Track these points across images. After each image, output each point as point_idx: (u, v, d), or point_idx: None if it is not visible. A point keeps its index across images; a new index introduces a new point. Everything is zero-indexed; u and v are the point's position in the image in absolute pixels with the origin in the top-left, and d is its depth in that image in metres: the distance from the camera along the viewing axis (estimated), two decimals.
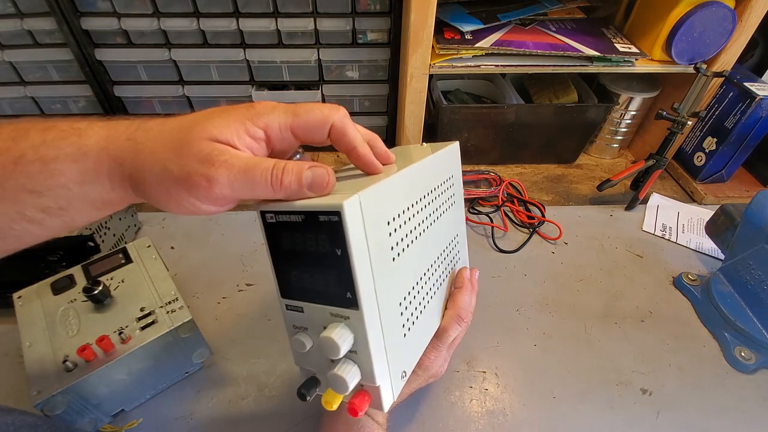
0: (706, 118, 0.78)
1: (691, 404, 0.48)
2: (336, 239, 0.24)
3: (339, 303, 0.27)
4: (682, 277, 0.62)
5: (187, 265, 0.62)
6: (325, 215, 0.24)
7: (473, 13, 0.73)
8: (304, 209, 0.25)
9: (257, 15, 0.71)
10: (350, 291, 0.26)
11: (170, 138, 0.24)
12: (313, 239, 0.25)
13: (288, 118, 0.26)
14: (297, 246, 0.26)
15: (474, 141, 0.80)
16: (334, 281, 0.26)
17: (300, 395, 0.29)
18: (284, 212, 0.26)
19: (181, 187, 0.23)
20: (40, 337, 0.41)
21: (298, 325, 0.29)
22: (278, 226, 0.26)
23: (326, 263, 0.26)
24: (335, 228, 0.24)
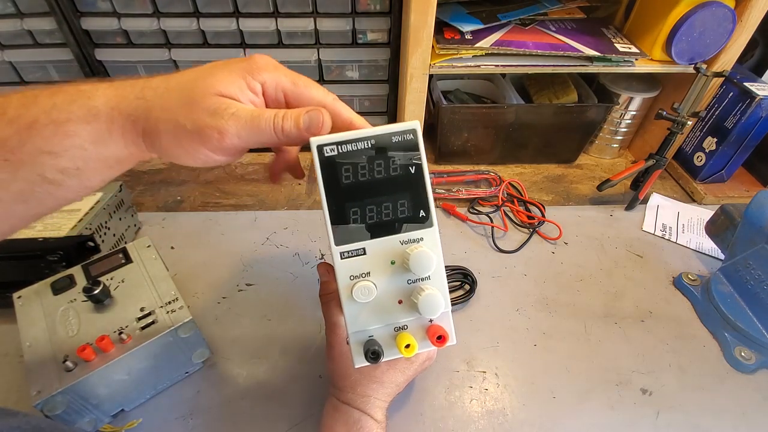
0: (706, 118, 0.78)
1: (691, 404, 0.48)
2: (410, 158, 0.26)
3: (412, 226, 0.27)
4: (682, 277, 0.62)
5: (187, 265, 0.62)
6: (399, 135, 0.26)
7: (473, 13, 0.73)
8: (376, 133, 0.26)
9: (257, 15, 0.71)
10: (424, 209, 0.27)
11: (179, 95, 0.25)
12: (383, 163, 0.26)
13: (286, 82, 0.28)
14: (362, 176, 0.26)
15: (474, 141, 0.80)
16: (406, 203, 0.27)
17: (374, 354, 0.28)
18: (350, 140, 0.26)
19: (195, 140, 0.25)
20: (40, 337, 0.41)
21: (357, 273, 0.28)
22: (339, 158, 0.26)
23: (398, 185, 0.27)
24: (410, 146, 0.26)
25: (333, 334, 0.39)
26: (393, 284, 0.28)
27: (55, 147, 0.24)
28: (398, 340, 0.28)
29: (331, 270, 0.35)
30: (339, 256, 0.27)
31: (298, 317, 0.55)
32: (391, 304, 0.28)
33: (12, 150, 0.24)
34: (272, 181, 0.38)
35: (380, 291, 0.28)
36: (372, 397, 0.38)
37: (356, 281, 0.27)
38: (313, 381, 0.48)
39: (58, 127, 0.24)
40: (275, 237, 0.67)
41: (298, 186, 0.77)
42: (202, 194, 0.75)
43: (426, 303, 0.27)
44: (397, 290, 0.29)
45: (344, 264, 0.27)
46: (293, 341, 0.52)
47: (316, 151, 0.26)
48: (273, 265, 0.62)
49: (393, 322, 0.29)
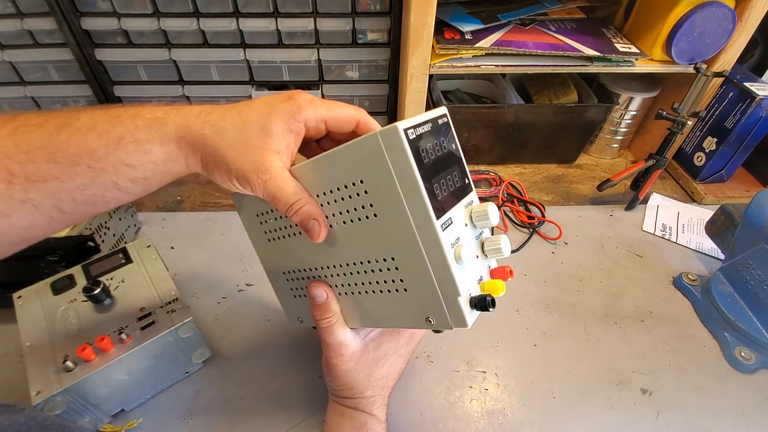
0: (706, 118, 0.78)
1: (691, 404, 0.48)
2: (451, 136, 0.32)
3: (465, 191, 0.32)
4: (682, 277, 0.62)
5: (187, 265, 0.62)
6: (442, 118, 0.31)
7: (473, 13, 0.73)
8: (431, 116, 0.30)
9: (257, 15, 0.71)
10: (466, 177, 0.33)
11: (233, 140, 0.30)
12: (438, 143, 0.30)
13: (324, 111, 0.31)
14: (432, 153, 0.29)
15: (474, 141, 0.80)
16: (459, 173, 0.32)
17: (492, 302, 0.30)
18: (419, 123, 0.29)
19: (236, 180, 0.31)
20: (40, 337, 0.41)
21: (453, 240, 0.30)
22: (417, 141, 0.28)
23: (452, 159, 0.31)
24: (448, 127, 0.31)
25: (338, 355, 0.37)
26: (471, 242, 0.32)
27: (135, 161, 0.29)
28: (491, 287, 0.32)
29: (329, 290, 0.36)
30: (440, 227, 0.29)
31: None
32: (474, 260, 0.32)
33: (98, 159, 0.28)
34: None
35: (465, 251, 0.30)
36: (377, 396, 0.39)
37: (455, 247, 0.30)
38: (313, 381, 0.48)
39: (139, 145, 0.29)
40: None
41: None
42: (202, 194, 0.75)
43: (506, 243, 0.32)
44: (474, 247, 0.32)
45: (446, 234, 0.29)
46: (293, 341, 0.52)
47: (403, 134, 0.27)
48: None
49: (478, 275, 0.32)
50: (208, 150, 0.30)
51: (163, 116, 0.30)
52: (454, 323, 0.31)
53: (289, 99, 0.31)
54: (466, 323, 0.30)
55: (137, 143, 0.29)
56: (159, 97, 0.80)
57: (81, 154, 0.28)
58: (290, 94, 0.31)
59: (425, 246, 0.29)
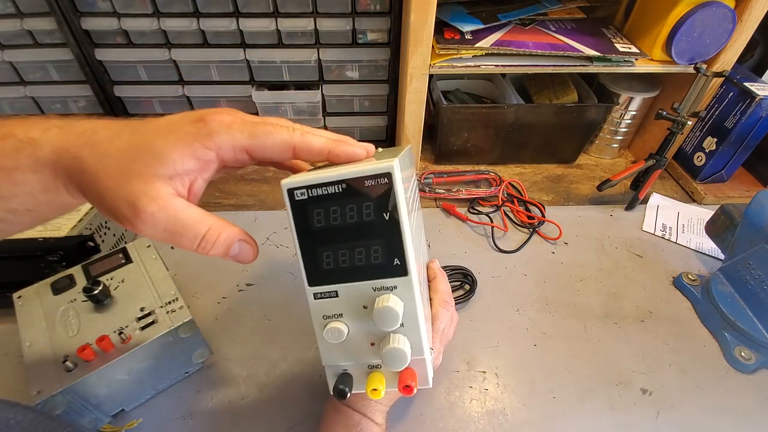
0: (706, 118, 0.78)
1: (691, 404, 0.48)
2: (384, 203, 0.25)
3: (385, 273, 0.26)
4: (682, 277, 0.62)
5: (187, 265, 0.62)
6: (373, 179, 0.24)
7: (473, 13, 0.73)
8: (348, 176, 0.24)
9: (257, 15, 0.71)
10: (398, 257, 0.26)
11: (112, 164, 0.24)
12: (355, 208, 0.25)
13: (244, 138, 0.25)
14: (334, 220, 0.25)
15: (474, 141, 0.80)
16: (380, 250, 0.26)
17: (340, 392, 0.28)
18: (320, 184, 0.25)
19: (112, 217, 0.24)
20: (40, 337, 0.41)
21: (329, 314, 0.28)
22: (310, 202, 0.25)
23: (371, 232, 0.25)
24: (384, 190, 0.24)
25: None
26: (365, 327, 0.28)
27: (4, 192, 0.24)
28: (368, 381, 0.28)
29: None
30: (312, 296, 0.27)
31: (298, 317, 0.55)
32: (364, 346, 0.28)
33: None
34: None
35: (352, 333, 0.28)
36: (373, 400, 0.38)
37: (328, 321, 0.27)
38: (313, 381, 0.48)
39: (6, 174, 0.24)
40: (275, 237, 0.67)
41: None
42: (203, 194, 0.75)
43: (388, 356, 0.27)
44: (369, 333, 0.28)
45: (317, 304, 0.28)
46: (293, 341, 0.52)
47: (286, 194, 0.25)
48: (273, 265, 0.62)
49: (365, 361, 0.29)
50: (83, 178, 0.24)
51: (39, 137, 0.24)
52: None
53: (199, 121, 0.25)
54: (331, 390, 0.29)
55: (4, 171, 0.24)
56: (159, 98, 0.80)
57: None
58: (202, 115, 0.25)
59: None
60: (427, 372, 0.29)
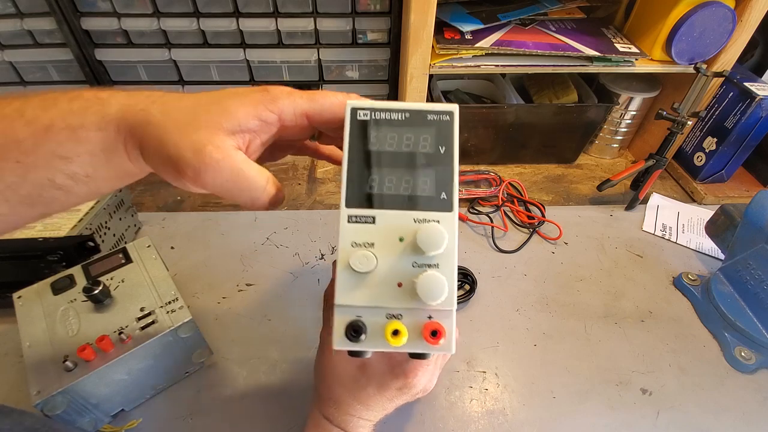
0: (706, 118, 0.78)
1: (691, 404, 0.48)
2: (442, 137, 0.26)
3: (430, 206, 0.26)
4: (682, 277, 0.62)
5: (187, 265, 0.62)
6: (436, 114, 0.26)
7: (473, 13, 0.73)
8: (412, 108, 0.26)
9: (257, 15, 0.71)
10: (446, 192, 0.26)
11: (179, 116, 0.24)
12: (413, 137, 0.26)
13: (304, 103, 0.27)
14: (389, 146, 0.25)
15: (474, 141, 0.80)
16: (429, 182, 0.26)
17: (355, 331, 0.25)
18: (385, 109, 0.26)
19: (171, 167, 0.24)
20: (40, 337, 0.41)
21: (360, 241, 0.25)
22: (371, 124, 0.26)
23: (425, 162, 0.26)
24: (445, 127, 0.26)
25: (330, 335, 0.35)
26: (396, 263, 0.26)
27: (68, 152, 0.24)
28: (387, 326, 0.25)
29: None
30: (346, 218, 0.25)
31: (298, 317, 0.55)
32: (390, 285, 0.26)
33: (26, 152, 0.23)
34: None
35: (381, 266, 0.25)
36: (356, 416, 0.35)
37: (358, 249, 0.25)
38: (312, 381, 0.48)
39: (72, 132, 0.24)
40: (275, 237, 0.67)
41: (298, 186, 0.77)
42: (202, 194, 0.75)
43: (425, 284, 0.24)
44: (400, 271, 0.26)
45: (350, 228, 0.25)
46: (293, 341, 0.52)
47: (349, 113, 0.26)
48: (273, 265, 0.62)
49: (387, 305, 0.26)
50: (147, 129, 0.24)
51: (107, 96, 0.25)
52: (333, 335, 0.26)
53: (263, 90, 0.26)
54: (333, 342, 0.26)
55: (70, 129, 0.24)
56: None
57: (8, 145, 0.23)
58: (264, 87, 0.27)
59: None
60: (452, 329, 0.26)
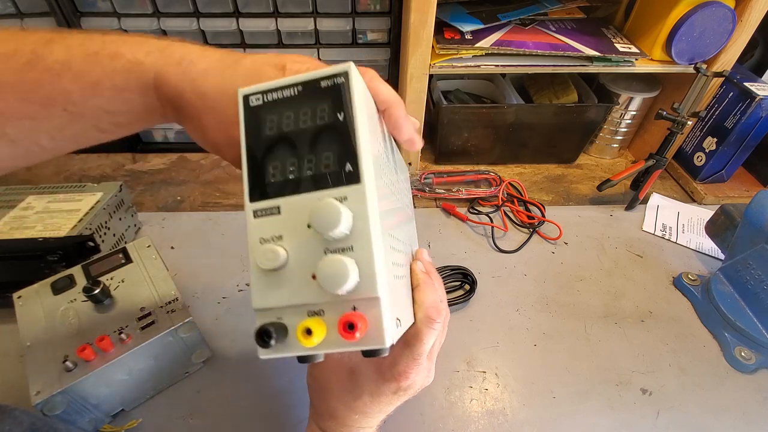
0: (706, 118, 0.78)
1: (691, 404, 0.48)
2: (339, 103, 0.23)
3: (335, 181, 0.22)
4: (682, 277, 0.62)
5: (187, 265, 0.62)
6: (329, 79, 0.23)
7: (473, 13, 0.73)
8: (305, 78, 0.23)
9: (257, 15, 0.71)
10: (351, 162, 0.22)
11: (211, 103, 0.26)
12: (309, 112, 0.23)
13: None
14: (286, 126, 0.23)
15: (474, 141, 0.80)
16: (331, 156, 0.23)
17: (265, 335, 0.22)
18: (278, 88, 0.23)
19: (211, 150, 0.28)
20: (40, 337, 0.41)
21: (268, 236, 0.23)
22: (264, 108, 0.24)
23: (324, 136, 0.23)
24: (340, 90, 0.23)
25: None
26: (308, 253, 0.23)
27: (115, 108, 0.27)
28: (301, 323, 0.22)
29: None
30: (252, 214, 0.23)
31: None
32: (304, 279, 0.23)
33: (74, 103, 0.26)
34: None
35: (292, 260, 0.23)
36: (354, 426, 0.33)
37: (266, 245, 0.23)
38: None
39: (118, 93, 0.26)
40: None
41: None
42: (202, 194, 0.75)
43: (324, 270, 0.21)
44: (312, 261, 0.22)
45: (256, 224, 0.23)
46: None
47: (241, 101, 0.24)
48: None
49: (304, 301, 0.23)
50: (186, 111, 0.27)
51: (145, 60, 0.27)
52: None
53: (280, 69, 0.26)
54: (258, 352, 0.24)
55: (116, 90, 0.26)
56: None
57: (55, 96, 0.26)
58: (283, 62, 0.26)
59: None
60: (381, 320, 0.22)
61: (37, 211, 0.57)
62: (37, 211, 0.57)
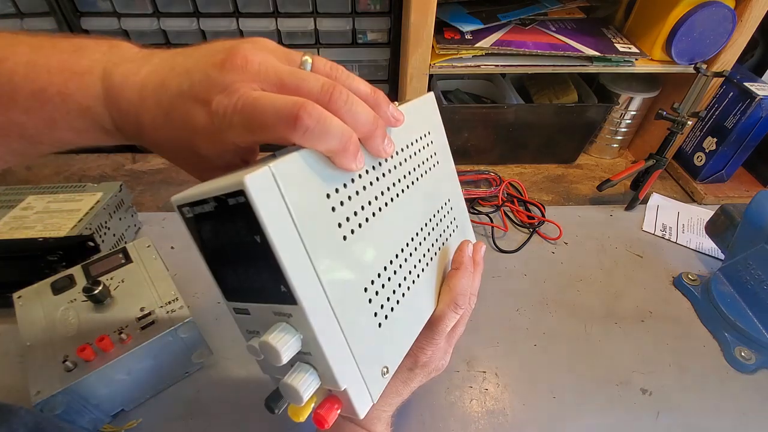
0: (706, 118, 0.78)
1: (691, 404, 0.48)
2: (250, 224, 0.20)
3: (276, 299, 0.23)
4: (682, 277, 0.62)
5: (187, 265, 0.61)
6: (233, 197, 0.20)
7: (473, 13, 0.73)
8: (210, 194, 0.21)
9: (257, 15, 0.71)
10: (283, 284, 0.22)
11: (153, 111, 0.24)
12: (229, 228, 0.22)
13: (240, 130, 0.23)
14: (220, 239, 0.23)
15: (474, 141, 0.80)
16: (264, 275, 0.22)
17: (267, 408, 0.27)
18: (196, 202, 0.22)
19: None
20: (40, 337, 0.41)
21: (250, 329, 0.26)
22: (197, 220, 0.23)
23: (250, 255, 0.22)
24: (245, 211, 0.20)
25: None
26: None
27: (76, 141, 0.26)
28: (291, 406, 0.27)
29: None
30: (233, 310, 0.26)
31: None
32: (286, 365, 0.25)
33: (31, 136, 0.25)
34: None
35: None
36: (375, 409, 0.34)
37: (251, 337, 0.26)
38: None
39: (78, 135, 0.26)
40: None
41: None
42: None
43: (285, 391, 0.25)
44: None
45: (238, 319, 0.26)
46: None
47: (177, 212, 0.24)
48: None
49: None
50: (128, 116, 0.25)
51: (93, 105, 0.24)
52: None
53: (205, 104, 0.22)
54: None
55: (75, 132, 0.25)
56: None
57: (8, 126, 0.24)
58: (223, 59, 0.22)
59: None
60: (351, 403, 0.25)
61: (37, 211, 0.57)
62: (37, 211, 0.57)
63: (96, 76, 0.24)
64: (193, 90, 0.22)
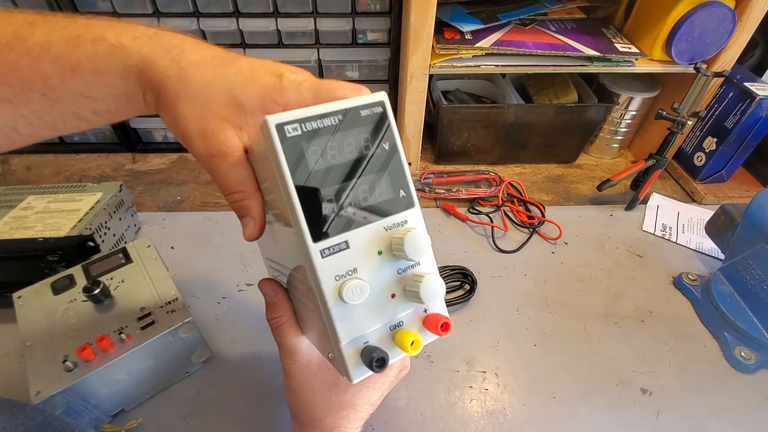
0: (706, 118, 0.78)
1: (691, 404, 0.48)
2: (382, 132, 0.24)
3: (394, 208, 0.24)
4: (682, 277, 0.62)
5: (187, 265, 0.62)
6: (368, 108, 0.23)
7: (473, 13, 0.73)
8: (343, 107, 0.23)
9: (257, 15, 0.71)
10: (403, 188, 0.25)
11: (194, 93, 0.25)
12: (353, 141, 0.23)
13: (309, 96, 0.26)
14: (332, 158, 0.23)
15: (474, 141, 0.80)
16: (384, 184, 0.24)
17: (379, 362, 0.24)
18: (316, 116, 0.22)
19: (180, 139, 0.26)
20: (40, 337, 0.41)
21: (342, 271, 0.23)
22: (305, 139, 0.22)
23: (373, 165, 0.24)
24: (381, 120, 0.24)
25: (291, 361, 0.33)
26: (383, 277, 0.25)
27: (94, 93, 0.26)
28: (400, 339, 0.25)
29: (278, 289, 0.32)
30: (319, 254, 0.23)
31: None
32: (385, 300, 0.25)
33: (53, 87, 0.25)
34: None
35: (373, 287, 0.24)
36: (343, 426, 0.33)
37: (343, 281, 0.23)
38: None
39: (98, 76, 0.26)
40: None
41: None
42: (202, 194, 0.75)
43: (428, 288, 0.24)
44: (389, 283, 0.25)
45: (326, 264, 0.23)
46: None
47: (275, 131, 0.21)
48: None
49: (389, 320, 0.25)
50: (163, 94, 0.26)
51: (129, 44, 0.25)
52: (342, 370, 0.25)
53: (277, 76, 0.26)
54: (350, 376, 0.25)
55: (95, 73, 0.25)
56: None
57: (33, 79, 0.25)
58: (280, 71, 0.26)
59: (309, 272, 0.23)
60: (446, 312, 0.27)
61: (37, 211, 0.57)
62: (37, 211, 0.57)
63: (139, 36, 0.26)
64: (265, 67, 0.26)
